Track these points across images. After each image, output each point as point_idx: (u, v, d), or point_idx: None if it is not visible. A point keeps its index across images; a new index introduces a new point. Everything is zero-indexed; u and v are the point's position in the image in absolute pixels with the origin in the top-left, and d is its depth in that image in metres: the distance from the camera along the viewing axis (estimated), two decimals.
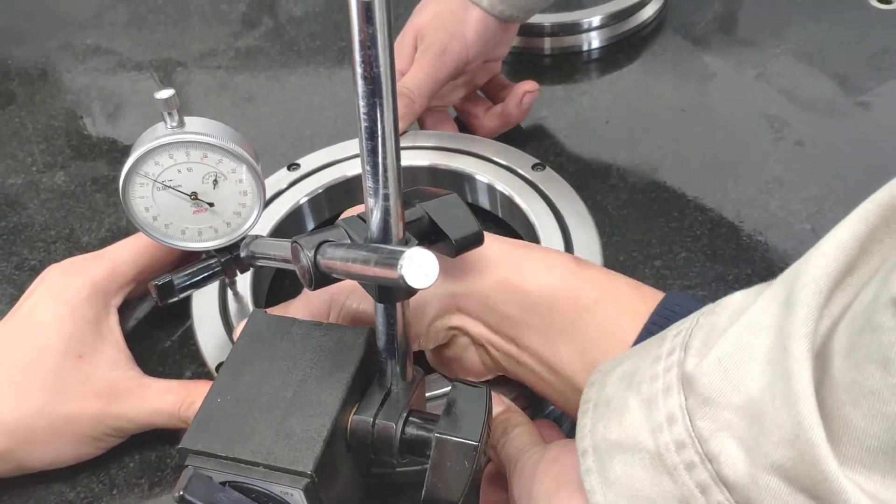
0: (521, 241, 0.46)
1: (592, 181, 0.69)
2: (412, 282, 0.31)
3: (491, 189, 0.63)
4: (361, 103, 0.33)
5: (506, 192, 0.62)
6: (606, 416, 0.34)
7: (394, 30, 0.33)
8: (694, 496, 0.29)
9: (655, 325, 0.40)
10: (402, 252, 0.31)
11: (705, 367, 0.30)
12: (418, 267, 0.31)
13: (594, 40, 0.85)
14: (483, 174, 0.64)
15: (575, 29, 0.84)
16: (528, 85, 0.70)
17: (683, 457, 0.30)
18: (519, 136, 0.73)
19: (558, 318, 0.42)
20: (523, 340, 0.44)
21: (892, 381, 0.24)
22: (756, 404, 0.28)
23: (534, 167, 0.63)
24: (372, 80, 0.33)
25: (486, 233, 0.44)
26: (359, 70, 0.33)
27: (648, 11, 0.87)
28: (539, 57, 0.85)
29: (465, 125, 0.75)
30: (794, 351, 0.26)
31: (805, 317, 0.27)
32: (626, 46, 0.85)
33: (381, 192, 0.36)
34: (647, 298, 0.42)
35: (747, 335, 0.29)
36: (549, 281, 0.43)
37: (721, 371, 0.29)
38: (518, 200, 0.61)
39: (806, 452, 0.26)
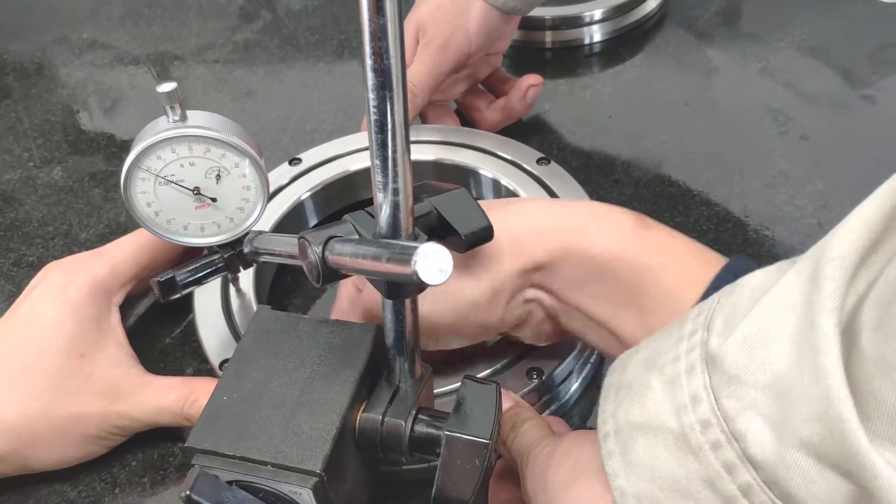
0: (579, 202, 0.46)
1: (597, 176, 0.69)
2: (426, 278, 0.31)
3: (496, 184, 0.63)
4: (371, 96, 0.33)
5: (511, 187, 0.61)
6: (629, 398, 0.33)
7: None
8: (720, 476, 0.29)
9: (717, 289, 0.39)
10: (416, 247, 0.31)
11: (730, 346, 0.29)
12: (433, 262, 0.31)
13: (596, 34, 0.84)
14: (487, 169, 0.63)
15: (576, 22, 0.83)
16: (532, 79, 0.70)
17: (709, 436, 0.29)
18: (522, 131, 0.73)
19: (621, 284, 0.42)
20: (588, 307, 0.43)
21: None
22: (783, 381, 0.27)
23: (538, 161, 0.63)
24: (382, 73, 0.32)
25: (543, 198, 0.43)
26: (369, 62, 0.32)
27: (651, 5, 0.86)
28: (540, 51, 0.84)
29: (466, 119, 0.74)
30: (822, 325, 0.26)
31: (832, 291, 0.26)
32: (628, 40, 0.85)
33: (390, 186, 0.35)
34: (710, 263, 0.41)
35: (773, 312, 0.29)
36: (611, 245, 0.42)
37: (747, 349, 0.29)
38: (523, 195, 0.60)
39: (835, 427, 0.25)
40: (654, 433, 0.31)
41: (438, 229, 0.42)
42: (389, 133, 0.34)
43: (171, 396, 0.50)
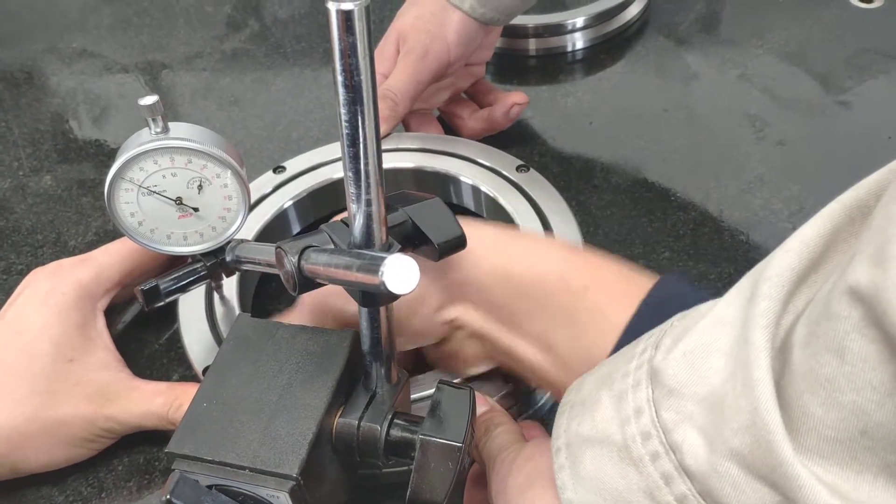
0: (513, 230, 0.47)
1: (576, 182, 0.70)
2: (393, 288, 0.32)
3: (476, 190, 0.64)
4: (343, 111, 0.34)
5: (490, 194, 0.63)
6: (581, 413, 0.34)
7: (377, 33, 0.33)
8: (658, 487, 0.30)
9: (648, 308, 0.40)
10: (384, 258, 0.32)
11: (671, 360, 0.30)
12: (399, 273, 0.32)
13: (578, 41, 0.86)
14: (468, 176, 0.64)
15: (559, 30, 0.85)
16: (518, 97, 0.71)
17: (648, 448, 0.30)
18: (503, 138, 0.74)
19: (551, 303, 0.43)
20: (519, 326, 0.44)
21: (847, 369, 0.25)
22: (717, 394, 0.28)
23: (518, 168, 0.64)
24: (353, 89, 0.33)
25: (478, 220, 0.45)
26: (339, 78, 0.33)
27: (632, 12, 0.87)
28: (524, 58, 0.86)
29: (449, 127, 0.75)
30: (754, 340, 0.27)
31: (766, 309, 0.27)
32: (609, 47, 0.86)
33: (363, 197, 0.36)
34: (639, 282, 0.42)
35: (712, 329, 0.30)
36: (540, 267, 0.44)
37: (686, 363, 0.30)
38: (502, 201, 0.61)
39: (762, 438, 0.26)
40: (601, 445, 0.32)
41: (413, 238, 0.43)
42: (361, 146, 0.35)
43: (158, 401, 0.51)
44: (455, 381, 0.50)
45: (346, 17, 0.31)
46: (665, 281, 0.42)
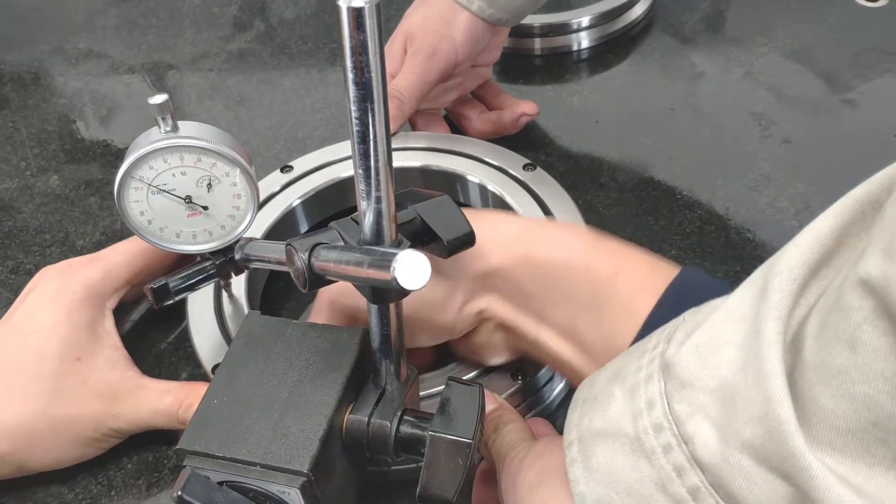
0: (538, 218, 0.47)
1: (583, 181, 0.70)
2: (405, 283, 0.32)
3: (482, 189, 0.64)
4: (353, 108, 0.34)
5: (497, 192, 0.63)
6: (593, 408, 0.34)
7: (384, 33, 0.33)
8: (670, 479, 0.30)
9: (670, 298, 0.40)
10: (395, 254, 0.32)
11: (683, 353, 0.31)
12: (411, 268, 0.32)
13: (584, 40, 0.86)
14: (474, 174, 0.64)
15: (564, 29, 0.85)
16: (528, 107, 0.71)
17: (661, 440, 0.30)
18: (510, 137, 0.74)
19: (577, 292, 0.43)
20: (545, 314, 0.45)
21: (860, 360, 0.25)
22: (729, 386, 0.28)
23: (525, 167, 0.64)
24: (363, 86, 0.33)
25: (504, 211, 0.45)
26: (350, 76, 0.33)
27: (637, 11, 0.87)
28: (529, 57, 0.86)
29: (456, 127, 0.75)
30: (766, 333, 0.27)
31: (778, 301, 0.28)
32: (615, 46, 0.86)
33: (373, 194, 0.36)
34: (663, 272, 0.42)
35: (724, 322, 0.30)
36: (567, 255, 0.44)
37: (698, 356, 0.30)
38: (509, 200, 0.62)
39: (774, 429, 0.26)
40: (613, 439, 0.32)
41: (422, 235, 0.43)
42: (371, 143, 0.35)
43: (167, 400, 0.51)
44: (466, 377, 0.51)
45: (357, 15, 0.31)
46: (687, 271, 0.42)
